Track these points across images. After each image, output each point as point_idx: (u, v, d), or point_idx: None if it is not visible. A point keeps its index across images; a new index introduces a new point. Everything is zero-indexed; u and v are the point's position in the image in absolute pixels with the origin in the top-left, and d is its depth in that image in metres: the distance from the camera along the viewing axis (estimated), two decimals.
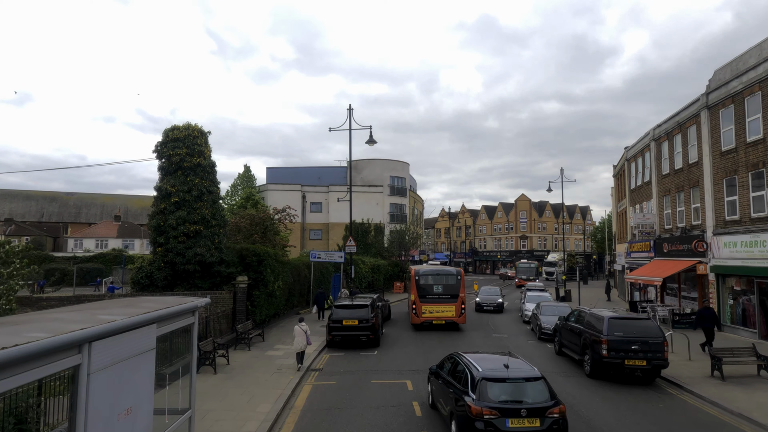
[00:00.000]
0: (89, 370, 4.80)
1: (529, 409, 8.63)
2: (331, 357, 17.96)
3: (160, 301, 7.36)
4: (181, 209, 19.48)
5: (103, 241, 74.82)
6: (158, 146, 20.32)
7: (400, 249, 48.87)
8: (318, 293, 28.14)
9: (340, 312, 19.45)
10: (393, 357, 17.80)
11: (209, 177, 20.63)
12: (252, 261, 21.02)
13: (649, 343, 14.04)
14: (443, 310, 23.18)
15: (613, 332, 14.28)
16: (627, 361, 13.98)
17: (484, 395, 8.83)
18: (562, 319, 18.52)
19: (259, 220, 27.96)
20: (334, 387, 13.78)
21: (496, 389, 8.97)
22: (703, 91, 23.52)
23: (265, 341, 20.03)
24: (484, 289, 34.82)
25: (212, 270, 20.10)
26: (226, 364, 15.90)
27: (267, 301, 21.78)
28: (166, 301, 7.35)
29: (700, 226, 23.97)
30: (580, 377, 15.10)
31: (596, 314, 15.55)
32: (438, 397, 10.91)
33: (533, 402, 8.80)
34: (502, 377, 9.20)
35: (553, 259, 75.64)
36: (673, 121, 27.07)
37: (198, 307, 7.76)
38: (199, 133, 20.59)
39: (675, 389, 13.97)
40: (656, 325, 14.63)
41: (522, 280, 57.72)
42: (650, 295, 31.23)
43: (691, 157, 25.04)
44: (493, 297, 32.22)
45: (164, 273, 19.60)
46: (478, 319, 27.66)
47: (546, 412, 8.63)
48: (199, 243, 19.56)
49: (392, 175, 56.59)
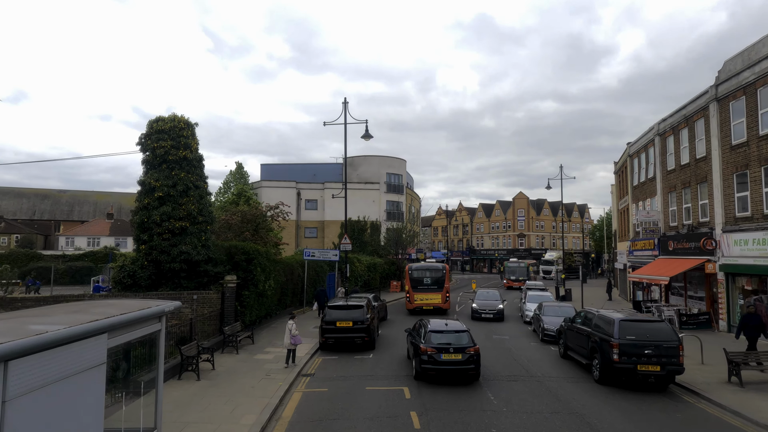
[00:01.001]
0: (4, 396, 3.81)
1: (455, 348, 13.72)
2: (324, 360, 17.00)
3: (119, 306, 6.37)
4: (166, 205, 18.47)
5: (95, 240, 73.53)
6: (142, 138, 19.30)
7: (397, 247, 47.89)
8: (319, 290, 27.43)
9: (334, 313, 18.48)
10: (389, 361, 16.84)
11: (196, 171, 19.62)
12: (241, 259, 20.01)
13: (663, 347, 13.12)
14: (431, 298, 29.22)
15: (625, 335, 13.35)
16: (639, 366, 13.06)
17: (429, 341, 14.03)
18: (568, 321, 17.60)
19: (251, 217, 26.90)
20: (326, 395, 12.81)
21: (437, 337, 14.13)
22: (711, 83, 22.62)
23: (255, 343, 19.04)
24: (482, 292, 29.40)
25: (199, 269, 19.11)
26: (211, 369, 14.90)
27: (257, 301, 20.79)
28: (125, 306, 6.36)
29: (709, 223, 23.09)
30: (588, 383, 14.18)
31: (605, 316, 14.62)
32: (409, 345, 16.30)
33: (458, 344, 13.84)
34: (441, 330, 14.54)
35: (551, 258, 74.66)
36: (680, 114, 26.18)
37: (165, 312, 6.78)
38: (186, 125, 19.56)
39: (691, 396, 13.06)
40: (670, 328, 13.70)
41: (510, 281, 52.54)
42: (654, 294, 30.37)
43: (699, 151, 24.15)
44: (493, 302, 27.23)
45: (148, 272, 18.59)
46: (476, 324, 26.70)
47: (465, 350, 13.70)
48: (185, 240, 18.56)
49: (389, 172, 55.60)
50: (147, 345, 7.02)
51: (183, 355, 13.73)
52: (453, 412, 11.36)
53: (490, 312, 26.38)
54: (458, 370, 13.67)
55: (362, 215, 47.94)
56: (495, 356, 17.67)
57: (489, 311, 26.43)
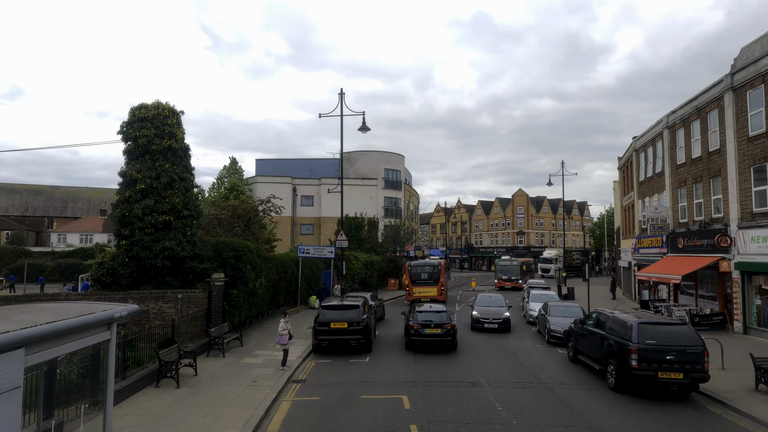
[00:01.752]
0: None
1: (435, 324, 17.44)
2: (317, 365, 15.84)
3: (55, 311, 5.19)
4: (149, 198, 17.28)
5: (87, 236, 72.16)
6: (123, 126, 18.09)
7: (395, 244, 46.76)
8: (321, 288, 26.37)
9: (328, 313, 17.32)
10: (387, 365, 15.69)
11: (181, 162, 18.42)
12: (229, 256, 18.83)
13: (687, 353, 11.99)
14: (428, 291, 32.00)
15: (644, 340, 12.21)
16: (660, 373, 11.93)
17: (416, 319, 17.82)
18: (578, 323, 16.46)
19: (242, 212, 25.66)
20: (317, 405, 11.65)
21: (421, 316, 17.93)
22: (727, 71, 21.48)
23: (244, 346, 17.88)
24: (483, 297, 24.91)
25: (184, 266, 17.93)
26: (193, 375, 13.72)
27: (247, 300, 19.61)
28: (63, 312, 5.18)
29: (723, 219, 21.98)
30: (603, 390, 13.05)
31: (622, 318, 13.47)
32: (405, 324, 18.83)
33: (438, 321, 17.59)
34: (425, 311, 18.35)
35: (550, 256, 73.47)
36: (691, 105, 25.04)
37: (114, 317, 5.59)
38: (171, 113, 18.35)
39: (717, 406, 11.93)
40: (693, 332, 12.56)
41: (502, 281, 48.09)
42: (662, 293, 29.28)
43: (712, 144, 23.02)
44: (496, 309, 22.95)
45: (129, 269, 17.40)
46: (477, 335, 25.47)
47: (444, 325, 17.40)
48: (169, 236, 17.38)
49: (387, 167, 54.36)
50: (95, 358, 5.81)
51: (161, 360, 12.55)
52: (458, 426, 10.22)
53: (494, 321, 22.03)
54: (438, 341, 17.50)
55: (359, 212, 46.77)
56: (499, 360, 16.55)
57: (493, 320, 22.05)
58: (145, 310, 17.36)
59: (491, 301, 24.32)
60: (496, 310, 22.74)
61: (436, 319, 17.74)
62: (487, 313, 22.45)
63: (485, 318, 22.16)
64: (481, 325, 22.11)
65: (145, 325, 16.79)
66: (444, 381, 13.74)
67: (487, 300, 24.44)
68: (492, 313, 22.46)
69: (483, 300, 24.49)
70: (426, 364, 15.64)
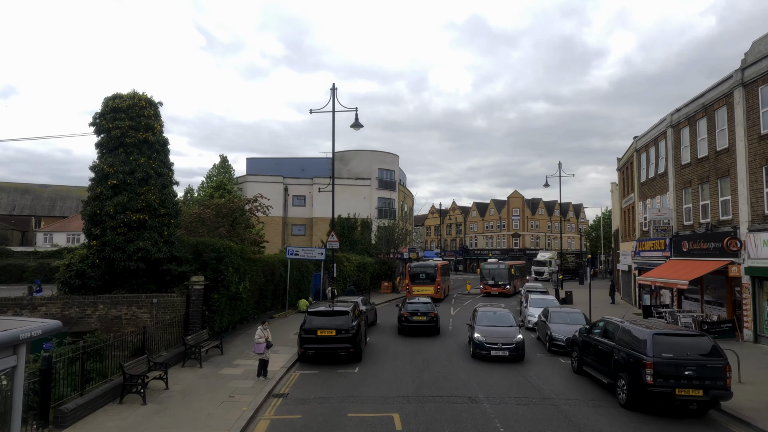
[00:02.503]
0: None
1: (421, 312, 21.43)
2: (302, 376, 14.64)
3: None
4: (122, 194, 16.02)
5: (75, 236, 70.47)
6: (96, 118, 16.81)
7: (389, 246, 45.55)
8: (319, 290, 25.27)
9: (315, 320, 16.12)
10: (377, 377, 14.51)
11: (159, 157, 17.17)
12: (210, 258, 17.56)
13: (707, 368, 10.89)
14: (425, 289, 35.22)
15: (660, 353, 11.09)
16: (678, 390, 10.81)
17: (406, 308, 21.89)
18: (583, 332, 15.33)
19: (227, 211, 24.36)
20: (298, 425, 10.45)
21: (410, 306, 22.00)
22: (738, 66, 20.48)
23: (224, 354, 16.65)
24: (485, 313, 19.07)
25: (160, 268, 16.66)
26: (163, 388, 12.47)
27: (229, 305, 18.36)
28: None
29: (731, 221, 20.96)
30: (613, 407, 11.91)
31: (634, 329, 12.34)
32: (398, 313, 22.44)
33: (424, 310, 21.55)
34: (414, 302, 22.66)
35: (543, 258, 72.35)
36: (697, 103, 24.03)
37: (21, 339, 4.35)
38: (148, 104, 17.10)
39: (739, 426, 10.81)
40: (714, 344, 11.44)
41: (488, 287, 43.24)
42: (664, 298, 28.27)
43: (720, 143, 22.01)
44: (505, 330, 17.54)
45: (100, 271, 16.14)
46: None
47: (428, 314, 21.38)
48: (144, 235, 16.12)
49: (381, 167, 53.13)
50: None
51: (126, 373, 11.30)
52: None
53: (505, 347, 16.51)
54: (423, 326, 21.41)
55: (352, 212, 45.59)
56: (498, 370, 15.38)
57: (503, 346, 16.51)
58: (118, 315, 16.11)
59: (496, 318, 18.55)
60: (505, 332, 17.32)
61: (423, 309, 21.87)
62: (493, 336, 16.89)
63: (492, 343, 16.59)
64: (486, 352, 16.58)
65: (117, 331, 15.57)
66: (439, 396, 12.57)
67: (491, 317, 18.60)
68: (500, 335, 16.97)
69: (485, 317, 18.59)
70: (420, 377, 14.47)
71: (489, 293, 42.57)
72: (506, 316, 18.92)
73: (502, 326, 17.83)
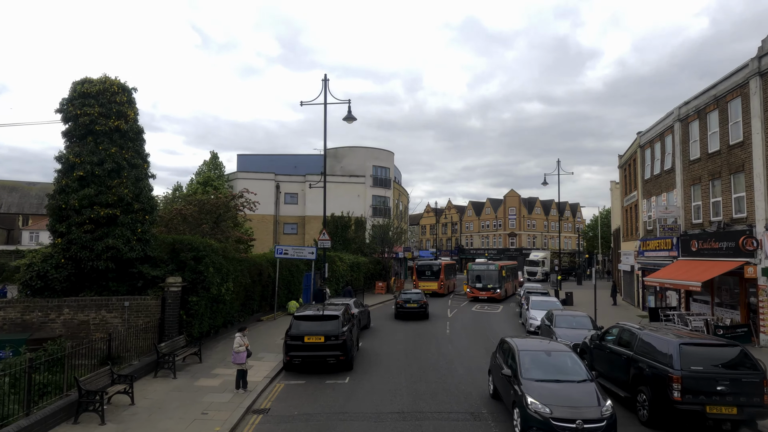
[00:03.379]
0: None
1: (413, 300, 26.43)
2: (287, 387, 13.29)
3: None
4: (89, 187, 14.62)
5: None
6: (63, 104, 15.37)
7: (383, 245, 44.21)
8: (317, 290, 24.51)
9: (302, 325, 14.75)
10: (370, 388, 13.18)
11: (133, 147, 15.75)
12: (188, 257, 16.15)
13: (742, 382, 9.64)
14: (430, 285, 39.75)
15: (689, 366, 9.82)
16: (709, 407, 9.54)
17: (401, 298, 27.01)
18: (594, 338, 14.07)
19: (211, 207, 22.90)
20: None
21: (404, 296, 27.10)
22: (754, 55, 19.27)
23: (203, 362, 15.27)
24: (532, 355, 10.86)
25: (133, 269, 15.25)
26: (129, 404, 11.09)
27: (210, 308, 16.95)
28: None
29: (746, 219, 19.75)
30: (632, 425, 10.62)
31: (656, 337, 11.06)
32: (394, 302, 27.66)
33: (416, 299, 26.52)
34: (408, 292, 27.84)
35: (537, 258, 70.86)
36: (708, 95, 22.82)
37: None
38: (120, 89, 15.71)
39: None
40: (748, 355, 10.18)
41: (476, 291, 37.31)
42: (670, 300, 27.08)
43: (733, 136, 20.80)
44: (580, 393, 9.66)
45: (65, 272, 14.72)
46: (473, 335, 23.15)
47: (419, 302, 26.38)
48: (114, 232, 14.72)
49: (375, 164, 51.74)
50: None
51: (81, 388, 9.90)
52: None
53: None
54: (415, 312, 26.13)
55: (346, 210, 44.19)
56: None
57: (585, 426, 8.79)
58: (85, 320, 14.71)
59: (553, 364, 10.64)
60: (578, 394, 9.66)
61: (414, 298, 26.72)
62: (561, 403, 9.22)
63: (563, 420, 8.86)
64: None
65: (85, 338, 14.17)
66: (439, 411, 11.26)
67: (544, 362, 10.68)
68: (572, 402, 9.29)
69: (534, 361, 10.57)
70: (417, 388, 13.13)
71: (477, 298, 37.22)
72: (567, 358, 10.79)
73: (570, 380, 10.05)
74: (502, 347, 12.12)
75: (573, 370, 10.45)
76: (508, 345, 11.71)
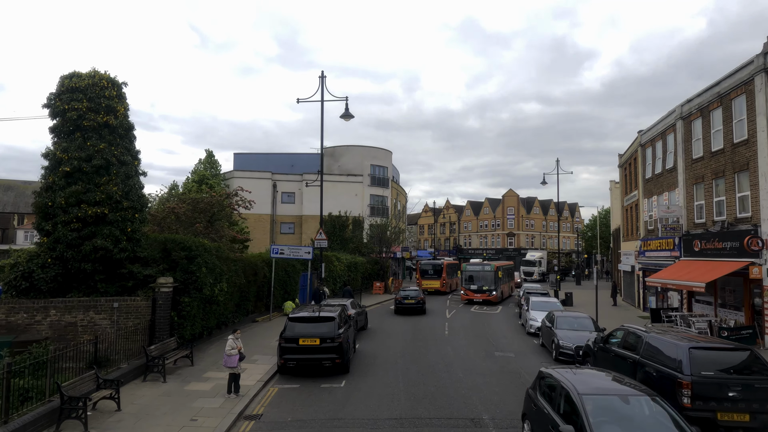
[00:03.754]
0: None
1: (411, 297, 28.60)
2: (280, 392, 12.85)
3: None
4: (77, 184, 14.15)
5: None
6: (51, 99, 14.90)
7: (381, 245, 43.78)
8: (316, 290, 24.15)
9: (297, 327, 14.31)
10: (366, 392, 12.74)
11: (122, 143, 15.29)
12: (180, 257, 15.70)
13: (754, 388, 9.23)
14: (433, 283, 41.37)
15: (699, 370, 9.41)
16: (720, 414, 9.14)
17: (400, 294, 29.20)
18: (598, 341, 13.66)
19: (204, 206, 22.43)
20: None
21: (404, 293, 29.15)
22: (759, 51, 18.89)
23: (195, 365, 14.81)
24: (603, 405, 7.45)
25: (123, 269, 14.79)
26: (115, 410, 10.65)
27: (203, 309, 16.50)
28: None
29: (751, 219, 19.37)
30: None
31: (664, 340, 10.65)
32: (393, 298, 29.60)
33: (413, 296, 28.65)
34: (406, 290, 29.85)
35: (533, 258, 70.34)
36: (711, 92, 22.44)
37: None
38: (109, 83, 15.23)
39: None
40: (758, 358, 9.77)
41: (471, 293, 35.01)
42: (672, 301, 26.71)
43: (738, 134, 20.42)
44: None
45: (52, 272, 14.23)
46: (472, 336, 22.73)
47: (417, 298, 28.56)
48: (103, 231, 14.25)
49: (373, 163, 51.28)
50: None
51: (64, 395, 9.45)
52: None
53: None
54: (413, 308, 28.11)
55: (344, 210, 43.77)
56: (502, 383, 13.66)
57: None
58: (73, 322, 14.24)
59: (639, 413, 7.46)
60: None
61: (413, 294, 28.77)
62: None
63: None
64: None
65: (72, 340, 13.74)
66: (438, 418, 10.83)
67: (622, 412, 7.45)
68: None
69: (611, 412, 7.33)
70: (415, 392, 12.71)
71: (471, 300, 35.04)
72: (653, 408, 7.55)
73: None
74: (545, 383, 8.66)
75: (665, 427, 6.98)
76: (556, 383, 8.09)
